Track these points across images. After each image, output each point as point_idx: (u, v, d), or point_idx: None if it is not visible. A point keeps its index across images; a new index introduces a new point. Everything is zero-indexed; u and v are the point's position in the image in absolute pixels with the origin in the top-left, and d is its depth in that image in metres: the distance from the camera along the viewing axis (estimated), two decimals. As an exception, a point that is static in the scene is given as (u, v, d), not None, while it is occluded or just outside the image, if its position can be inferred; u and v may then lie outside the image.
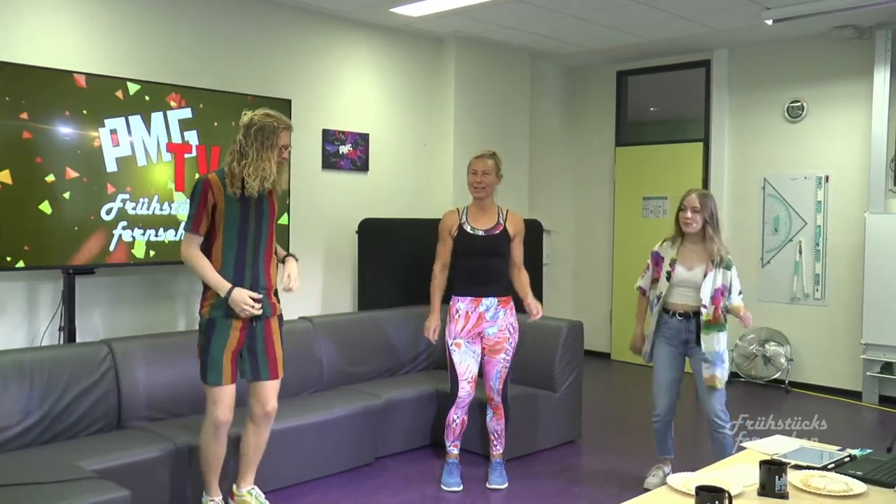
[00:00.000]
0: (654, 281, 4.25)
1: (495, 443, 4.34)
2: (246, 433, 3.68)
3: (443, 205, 6.54)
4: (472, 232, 4.23)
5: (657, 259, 4.25)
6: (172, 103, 4.65)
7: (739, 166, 7.14)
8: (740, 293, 4.12)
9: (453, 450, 4.34)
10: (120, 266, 4.58)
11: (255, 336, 3.55)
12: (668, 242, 4.23)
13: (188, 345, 4.18)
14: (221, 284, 3.42)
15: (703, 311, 4.03)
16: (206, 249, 3.48)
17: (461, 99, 6.65)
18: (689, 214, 4.06)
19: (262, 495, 3.74)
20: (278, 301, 3.68)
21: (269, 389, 3.62)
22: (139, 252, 4.59)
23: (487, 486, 4.25)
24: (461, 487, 4.23)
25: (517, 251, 4.32)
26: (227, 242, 3.45)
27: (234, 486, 3.74)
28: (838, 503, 2.43)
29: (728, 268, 4.07)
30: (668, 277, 4.14)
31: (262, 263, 3.56)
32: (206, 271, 3.44)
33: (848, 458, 2.79)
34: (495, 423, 4.31)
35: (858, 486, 2.51)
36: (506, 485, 4.27)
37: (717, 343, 4.03)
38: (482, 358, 4.25)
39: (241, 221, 3.46)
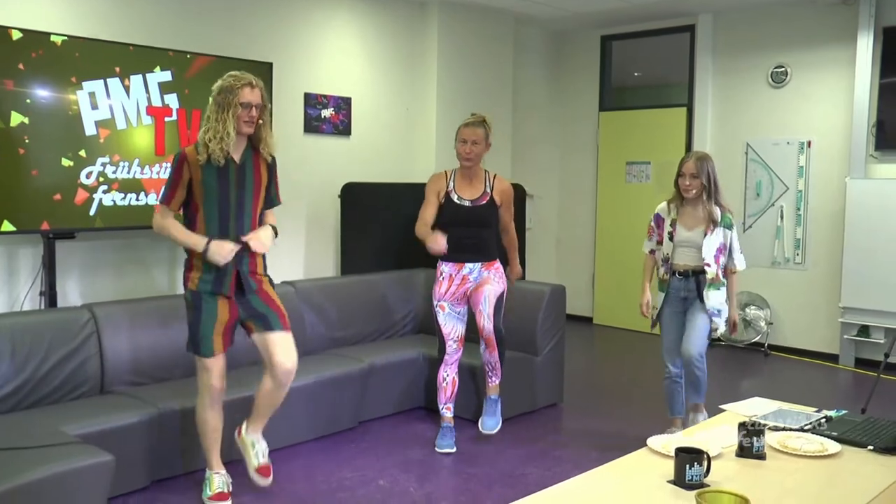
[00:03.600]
0: (660, 243, 4.31)
1: (490, 374, 4.29)
2: (262, 385, 3.50)
3: (425, 169, 6.51)
4: (458, 202, 4.21)
5: (658, 221, 4.31)
6: (156, 68, 4.58)
7: (723, 131, 7.15)
8: (741, 252, 4.26)
9: (447, 412, 4.31)
10: (100, 230, 4.54)
11: (249, 302, 3.44)
12: (669, 204, 4.28)
13: (171, 309, 4.17)
14: (196, 241, 3.31)
15: (707, 269, 4.12)
16: (191, 224, 3.39)
17: (444, 63, 6.59)
18: (687, 181, 4.14)
19: (264, 453, 3.58)
20: (265, 268, 3.55)
21: (288, 342, 3.46)
22: (120, 216, 4.55)
23: (480, 429, 4.25)
24: (454, 449, 4.25)
25: (506, 216, 4.32)
26: (208, 215, 3.34)
27: (245, 424, 3.60)
28: (814, 463, 2.48)
29: (728, 227, 4.18)
30: (671, 238, 4.21)
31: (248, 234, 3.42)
32: (177, 232, 3.35)
33: (824, 420, 2.84)
34: (488, 354, 4.23)
35: (833, 447, 2.56)
36: (497, 428, 4.25)
37: (717, 300, 4.15)
38: (470, 296, 4.22)
39: (221, 191, 3.34)
